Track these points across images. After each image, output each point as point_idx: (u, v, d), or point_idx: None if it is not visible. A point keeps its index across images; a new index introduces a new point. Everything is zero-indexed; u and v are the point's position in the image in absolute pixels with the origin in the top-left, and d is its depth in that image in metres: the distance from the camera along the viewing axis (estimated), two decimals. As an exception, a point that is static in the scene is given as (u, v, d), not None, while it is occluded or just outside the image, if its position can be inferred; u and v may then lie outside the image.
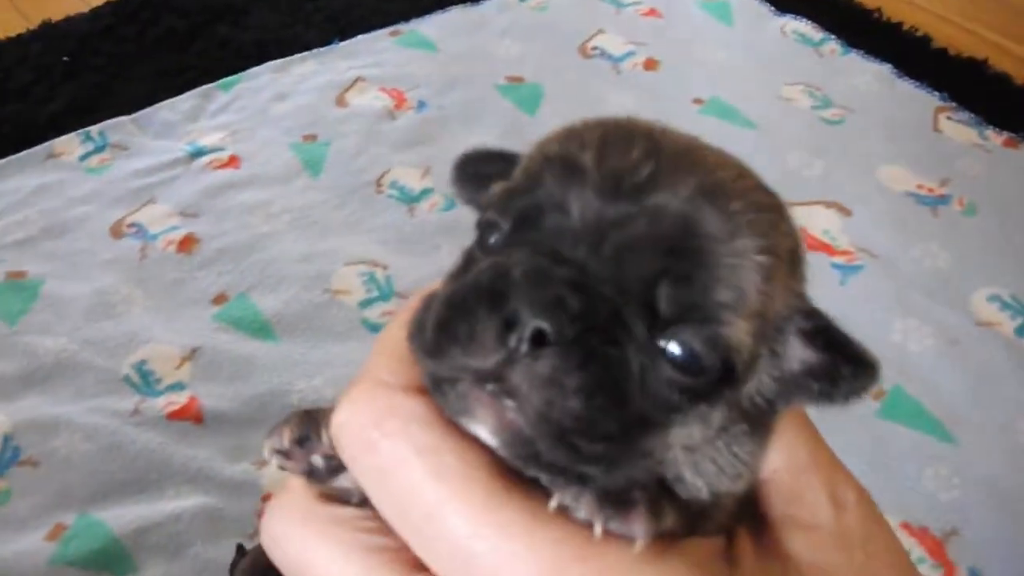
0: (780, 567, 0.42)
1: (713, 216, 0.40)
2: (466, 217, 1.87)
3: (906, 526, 1.21)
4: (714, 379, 0.40)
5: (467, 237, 1.56)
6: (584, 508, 0.38)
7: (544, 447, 0.39)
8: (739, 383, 0.42)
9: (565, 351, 0.38)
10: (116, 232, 1.54)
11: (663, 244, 0.39)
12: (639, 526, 0.38)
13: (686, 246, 0.39)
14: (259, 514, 1.21)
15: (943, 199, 1.61)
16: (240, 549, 1.06)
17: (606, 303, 0.39)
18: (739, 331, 0.40)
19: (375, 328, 1.41)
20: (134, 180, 1.64)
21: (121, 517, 1.16)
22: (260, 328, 1.40)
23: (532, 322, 0.38)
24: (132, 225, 1.56)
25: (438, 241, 1.52)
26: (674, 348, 0.40)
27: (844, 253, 1.51)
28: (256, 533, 1.19)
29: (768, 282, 0.41)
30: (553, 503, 0.39)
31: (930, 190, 1.63)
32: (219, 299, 1.44)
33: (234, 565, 1.05)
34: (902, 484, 1.25)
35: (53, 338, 1.37)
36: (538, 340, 0.38)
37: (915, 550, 1.18)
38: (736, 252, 0.40)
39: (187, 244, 1.52)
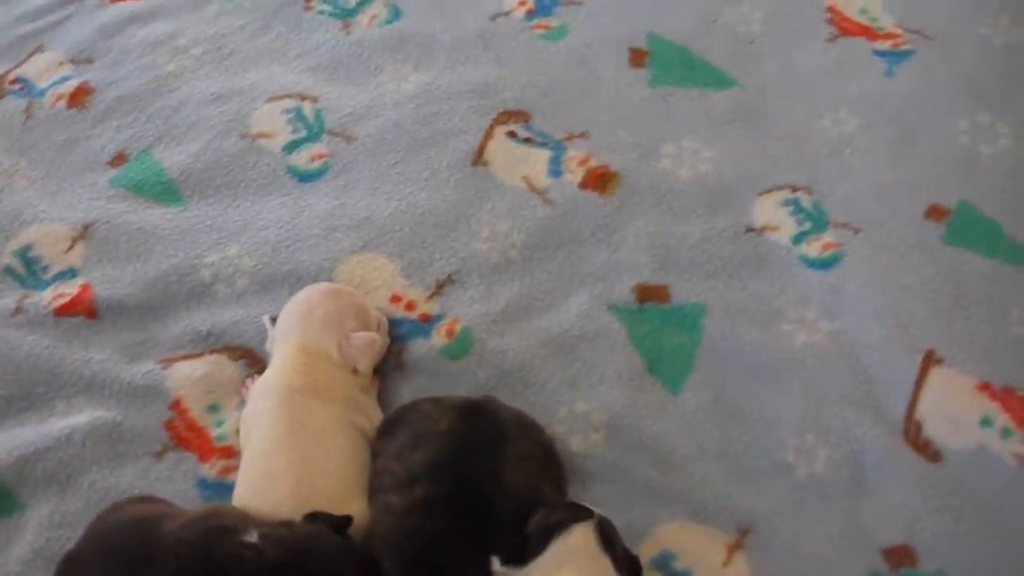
0: None
1: None
2: (413, 32, 1.43)
3: (986, 387, 0.98)
4: None
5: (414, 56, 1.29)
6: None
7: None
8: None
9: None
10: (-3, 91, 1.33)
11: None
12: None
13: None
14: (166, 425, 1.00)
15: (1017, -40, 1.36)
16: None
17: None
18: None
19: (303, 177, 1.19)
20: (18, 26, 1.39)
21: (1, 445, 1.00)
22: (164, 191, 1.19)
23: None
24: (16, 81, 1.32)
25: (380, 62, 1.30)
26: None
27: (889, 36, 1.29)
28: (164, 449, 0.97)
29: None
30: None
31: (998, -51, 1.38)
32: (117, 160, 1.23)
33: None
34: (980, 328, 1.02)
35: (-86, 226, 1.17)
36: None
37: (998, 417, 0.96)
38: None
39: (80, 96, 1.29)
